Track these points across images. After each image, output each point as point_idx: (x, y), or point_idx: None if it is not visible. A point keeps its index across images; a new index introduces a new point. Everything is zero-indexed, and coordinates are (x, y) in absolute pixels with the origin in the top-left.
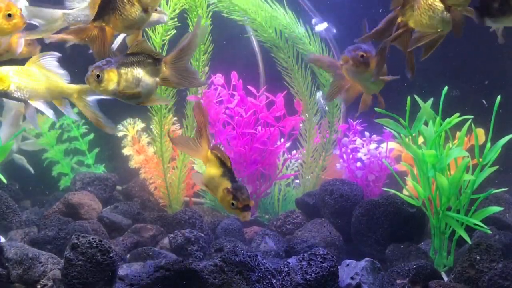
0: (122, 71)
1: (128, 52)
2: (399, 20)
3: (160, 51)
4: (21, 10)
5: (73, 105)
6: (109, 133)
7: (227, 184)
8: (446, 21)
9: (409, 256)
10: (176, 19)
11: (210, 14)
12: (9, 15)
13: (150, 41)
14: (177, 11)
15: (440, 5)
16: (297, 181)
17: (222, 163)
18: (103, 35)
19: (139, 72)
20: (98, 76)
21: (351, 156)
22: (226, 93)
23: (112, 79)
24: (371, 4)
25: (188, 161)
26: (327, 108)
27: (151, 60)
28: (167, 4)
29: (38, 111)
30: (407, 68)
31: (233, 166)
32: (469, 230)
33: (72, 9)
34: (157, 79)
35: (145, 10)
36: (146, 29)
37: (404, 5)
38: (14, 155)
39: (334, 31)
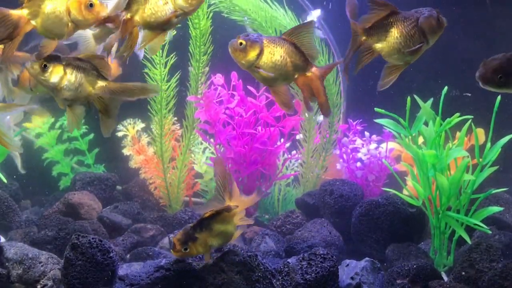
0: (68, 70)
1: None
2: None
3: (160, 52)
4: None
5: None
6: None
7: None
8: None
9: (409, 256)
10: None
11: (211, 15)
12: (91, 5)
13: None
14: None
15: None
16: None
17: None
18: (126, 26)
19: (81, 77)
20: (45, 66)
21: (351, 156)
22: (226, 93)
23: (58, 73)
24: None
25: (188, 161)
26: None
27: (95, 73)
28: None
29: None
30: None
31: (233, 166)
32: (469, 230)
33: None
34: (93, 91)
35: (176, 14)
36: None
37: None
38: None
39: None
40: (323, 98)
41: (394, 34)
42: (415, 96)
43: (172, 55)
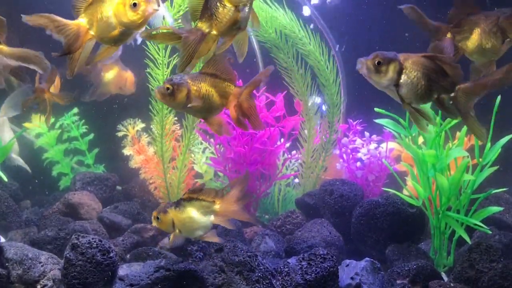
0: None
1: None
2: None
3: (163, 52)
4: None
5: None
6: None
7: None
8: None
9: (409, 256)
10: (179, 21)
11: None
12: (134, 4)
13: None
14: (181, 13)
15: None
16: (296, 180)
17: None
18: (199, 40)
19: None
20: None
21: (351, 156)
22: None
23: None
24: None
25: (188, 161)
26: (326, 107)
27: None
28: (171, 6)
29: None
30: None
31: (233, 166)
32: (469, 230)
33: None
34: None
35: (238, 9)
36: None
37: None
38: (11, 155)
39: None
40: (252, 116)
41: (478, 32)
42: None
43: (174, 56)
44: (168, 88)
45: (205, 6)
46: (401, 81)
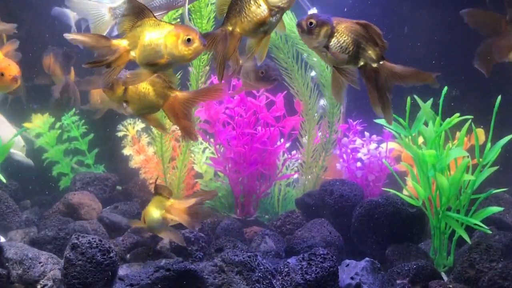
0: None
1: None
2: None
3: None
4: (200, 33)
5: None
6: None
7: None
8: None
9: (409, 256)
10: (179, 20)
11: (212, 15)
12: (188, 40)
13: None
14: (180, 12)
15: None
16: (296, 176)
17: None
18: (229, 40)
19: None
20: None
21: (351, 156)
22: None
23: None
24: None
25: (188, 161)
26: (327, 106)
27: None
28: None
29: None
30: None
31: (233, 166)
32: (469, 230)
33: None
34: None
35: (272, 12)
36: None
37: None
38: (12, 151)
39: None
40: (184, 122)
41: None
42: (415, 96)
43: None
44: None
45: (235, 1)
46: (331, 44)
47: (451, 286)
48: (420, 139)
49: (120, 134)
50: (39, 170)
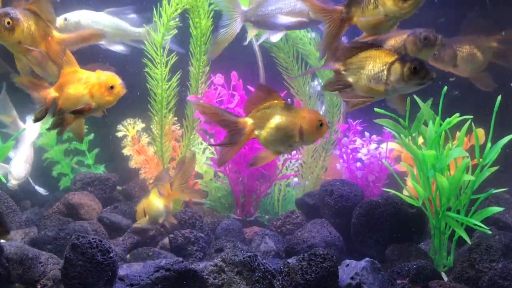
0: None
1: None
2: None
3: (162, 51)
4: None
5: None
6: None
7: None
8: None
9: (409, 256)
10: (177, 19)
11: (212, 14)
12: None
13: (152, 41)
14: (178, 11)
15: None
16: (296, 179)
17: None
18: (340, 24)
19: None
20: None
21: (351, 156)
22: (226, 93)
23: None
24: None
25: None
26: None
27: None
28: (168, 4)
29: None
30: None
31: (233, 166)
32: (469, 230)
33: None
34: None
35: (388, 18)
36: (148, 28)
37: None
38: None
39: None
40: (57, 62)
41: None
42: (415, 96)
43: (172, 55)
44: (8, 23)
45: None
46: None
47: (451, 286)
48: (420, 139)
49: (120, 134)
50: (39, 170)
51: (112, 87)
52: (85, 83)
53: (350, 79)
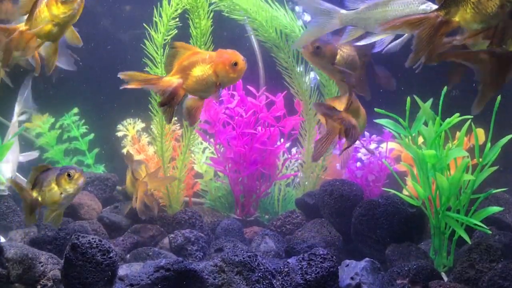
0: None
1: None
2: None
3: (162, 51)
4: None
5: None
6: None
7: None
8: None
9: (409, 256)
10: (177, 19)
11: (211, 14)
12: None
13: (152, 41)
14: (178, 11)
15: None
16: (298, 178)
17: None
18: (436, 28)
19: None
20: None
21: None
22: (226, 93)
23: None
24: None
25: (188, 161)
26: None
27: None
28: (168, 4)
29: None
30: None
31: (233, 166)
32: (469, 230)
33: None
34: None
35: (502, 6)
36: (148, 28)
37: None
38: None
39: None
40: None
41: None
42: (415, 96)
43: None
44: None
45: None
46: None
47: (451, 286)
48: (420, 139)
49: (120, 134)
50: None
51: (235, 64)
52: (209, 63)
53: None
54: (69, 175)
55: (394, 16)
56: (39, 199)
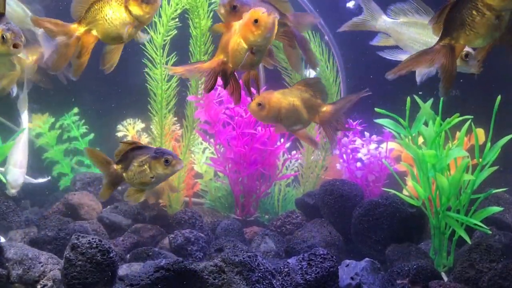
0: None
1: None
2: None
3: (161, 52)
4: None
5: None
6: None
7: None
8: None
9: (409, 256)
10: (177, 19)
11: (211, 14)
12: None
13: (152, 41)
14: (178, 11)
15: None
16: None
17: None
18: (450, 55)
19: None
20: None
21: (351, 156)
22: (226, 93)
23: None
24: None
25: (188, 161)
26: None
27: None
28: (168, 4)
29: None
30: None
31: (233, 166)
32: (469, 230)
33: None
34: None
35: (498, 17)
36: (148, 29)
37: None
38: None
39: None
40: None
41: None
42: (415, 96)
43: (172, 55)
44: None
45: (453, 14)
46: None
47: (451, 286)
48: (420, 139)
49: (120, 134)
50: (39, 170)
51: (256, 21)
52: (238, 32)
53: None
54: (166, 160)
55: (425, 41)
56: (124, 175)
